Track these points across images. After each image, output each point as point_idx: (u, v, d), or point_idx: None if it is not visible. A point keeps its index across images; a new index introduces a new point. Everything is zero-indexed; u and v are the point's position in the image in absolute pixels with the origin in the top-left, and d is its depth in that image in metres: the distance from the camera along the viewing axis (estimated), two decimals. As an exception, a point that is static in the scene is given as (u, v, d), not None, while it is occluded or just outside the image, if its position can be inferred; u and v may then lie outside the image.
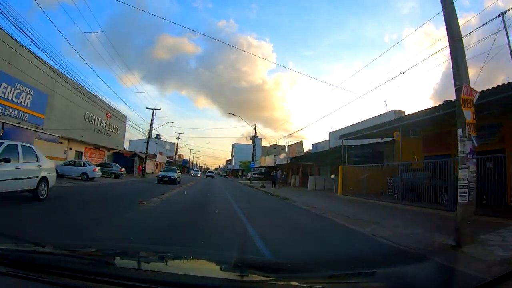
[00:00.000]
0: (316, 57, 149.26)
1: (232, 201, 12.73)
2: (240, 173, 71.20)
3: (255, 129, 32.07)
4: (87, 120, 28.32)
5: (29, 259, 1.36)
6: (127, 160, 36.69)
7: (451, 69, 5.39)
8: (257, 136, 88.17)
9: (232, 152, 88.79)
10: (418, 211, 9.22)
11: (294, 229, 7.21)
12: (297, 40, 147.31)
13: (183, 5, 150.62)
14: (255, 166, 56.21)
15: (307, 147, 27.37)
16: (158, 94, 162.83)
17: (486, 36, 12.05)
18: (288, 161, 27.51)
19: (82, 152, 30.65)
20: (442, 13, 5.58)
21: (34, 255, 1.49)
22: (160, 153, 55.00)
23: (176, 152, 53.58)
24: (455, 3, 5.60)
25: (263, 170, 50.50)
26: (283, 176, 25.38)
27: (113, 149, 36.06)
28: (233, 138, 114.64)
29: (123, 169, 26.32)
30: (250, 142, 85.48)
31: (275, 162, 33.82)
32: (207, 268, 1.87)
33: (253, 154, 32.89)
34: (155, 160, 44.76)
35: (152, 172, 45.31)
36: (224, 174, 77.30)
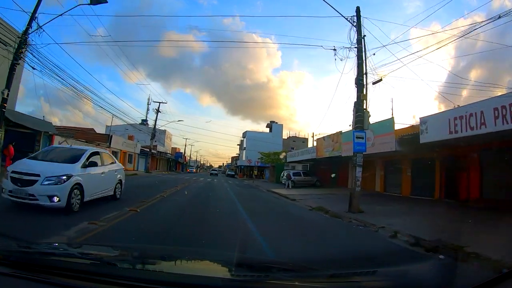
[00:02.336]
0: (321, 56, 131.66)
1: None
2: (256, 173, 49.20)
3: (358, 15, 10.27)
4: None
5: (30, 260, 1.33)
6: (27, 135, 16.52)
7: None
8: (276, 122, 65.72)
9: (241, 144, 66.65)
10: None
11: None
12: (302, 39, 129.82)
13: (187, 2, 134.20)
14: (288, 160, 31.68)
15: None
16: (163, 92, 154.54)
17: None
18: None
19: None
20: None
21: (35, 255, 1.46)
22: (131, 137, 33.10)
23: (154, 136, 30.54)
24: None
25: (302, 169, 29.12)
26: None
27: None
28: (236, 137, 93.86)
29: None
30: (267, 130, 63.52)
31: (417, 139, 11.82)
32: (208, 268, 1.81)
33: (358, 106, 10.75)
34: (107, 146, 22.89)
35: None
36: (232, 173, 55.56)
